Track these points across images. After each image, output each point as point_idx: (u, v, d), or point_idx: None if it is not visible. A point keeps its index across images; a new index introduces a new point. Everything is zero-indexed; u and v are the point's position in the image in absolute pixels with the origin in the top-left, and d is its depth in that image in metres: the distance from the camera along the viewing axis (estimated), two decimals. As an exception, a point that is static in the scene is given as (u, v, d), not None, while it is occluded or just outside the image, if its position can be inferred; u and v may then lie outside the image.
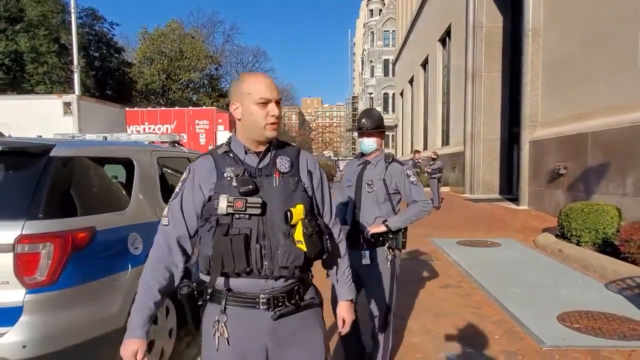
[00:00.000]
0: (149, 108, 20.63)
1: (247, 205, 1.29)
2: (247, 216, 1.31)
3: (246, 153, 1.41)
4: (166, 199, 3.01)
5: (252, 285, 1.33)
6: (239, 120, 1.39)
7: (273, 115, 1.36)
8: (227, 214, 1.29)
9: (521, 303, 4.07)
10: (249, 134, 1.39)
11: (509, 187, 13.31)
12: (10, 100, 9.13)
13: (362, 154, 2.67)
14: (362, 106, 65.24)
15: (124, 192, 2.68)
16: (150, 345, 2.68)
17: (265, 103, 1.35)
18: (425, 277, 5.08)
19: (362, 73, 61.37)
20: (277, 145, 1.46)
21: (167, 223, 1.39)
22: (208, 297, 1.36)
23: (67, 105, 8.45)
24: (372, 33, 51.29)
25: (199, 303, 1.38)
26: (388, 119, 47.50)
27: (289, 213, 1.31)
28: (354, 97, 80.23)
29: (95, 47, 26.81)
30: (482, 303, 4.13)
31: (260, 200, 1.31)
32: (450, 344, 3.23)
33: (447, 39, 18.16)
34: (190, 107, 20.34)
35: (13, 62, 20.24)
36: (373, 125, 2.57)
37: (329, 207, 1.55)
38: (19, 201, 2.05)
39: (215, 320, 1.34)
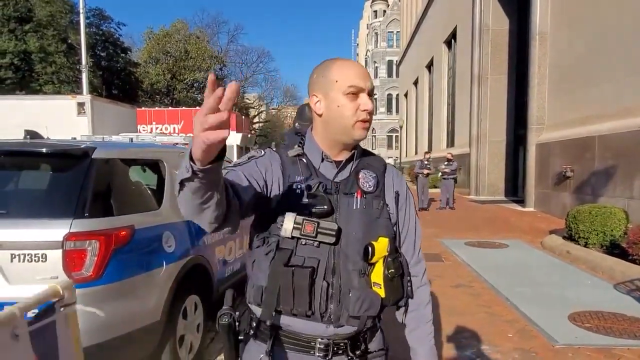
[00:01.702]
0: (156, 108, 20.82)
1: (319, 230, 1.02)
2: (315, 243, 1.03)
3: (323, 160, 1.12)
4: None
5: (308, 328, 1.06)
6: (320, 116, 1.10)
7: (365, 110, 1.06)
8: (292, 238, 1.02)
9: (532, 303, 4.17)
10: (332, 134, 1.10)
11: (514, 189, 13.40)
12: (26, 100, 9.31)
13: None
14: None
15: (157, 193, 2.79)
16: (181, 340, 2.80)
17: (356, 93, 1.06)
18: (437, 276, 5.18)
19: (365, 74, 61.31)
20: (359, 153, 1.17)
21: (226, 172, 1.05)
22: (252, 332, 1.11)
23: (80, 105, 8.62)
24: (376, 34, 51.43)
25: (240, 337, 1.12)
26: (392, 120, 47.73)
27: (370, 248, 1.03)
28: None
29: (102, 47, 27.04)
30: (493, 302, 4.24)
31: (336, 226, 1.03)
32: (465, 341, 3.34)
33: (453, 41, 18.25)
34: (197, 107, 20.45)
35: (22, 61, 20.48)
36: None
37: (413, 240, 1.21)
38: (65, 201, 2.17)
39: None
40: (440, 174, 12.04)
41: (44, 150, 2.25)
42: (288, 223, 1.01)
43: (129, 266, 2.32)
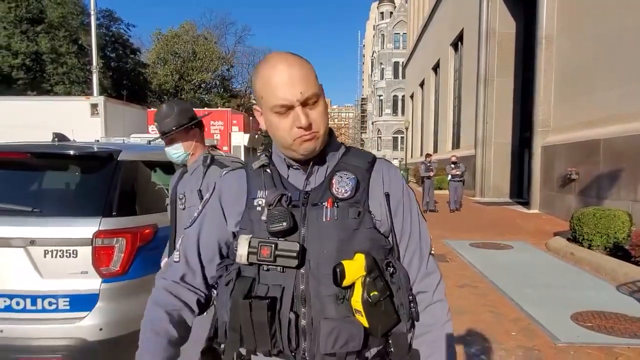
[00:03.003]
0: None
1: (277, 252, 0.87)
2: (279, 268, 0.89)
3: (289, 168, 0.98)
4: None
5: None
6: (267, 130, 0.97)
7: (299, 128, 0.88)
8: (250, 264, 0.90)
9: (536, 303, 4.26)
10: (282, 151, 0.97)
11: (519, 191, 13.45)
12: (42, 101, 9.56)
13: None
14: (371, 108, 65.40)
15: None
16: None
17: (285, 111, 0.89)
18: (442, 276, 5.29)
19: (371, 75, 61.61)
20: (338, 152, 1.00)
21: (177, 259, 0.99)
22: None
23: (94, 106, 8.83)
24: (383, 35, 51.48)
25: None
26: (397, 121, 47.80)
27: (338, 269, 0.85)
28: (363, 99, 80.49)
29: (112, 48, 27.38)
30: (498, 302, 4.34)
31: (297, 246, 0.87)
32: (470, 338, 3.45)
33: (460, 43, 18.31)
34: (205, 108, 20.71)
35: (33, 62, 20.82)
36: (163, 128, 1.93)
37: (418, 249, 1.00)
38: (94, 200, 2.32)
39: None
40: (449, 176, 12.08)
41: (73, 152, 2.39)
42: (242, 248, 0.89)
43: (152, 262, 2.46)
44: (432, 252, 1.04)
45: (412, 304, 0.94)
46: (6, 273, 2.16)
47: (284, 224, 0.88)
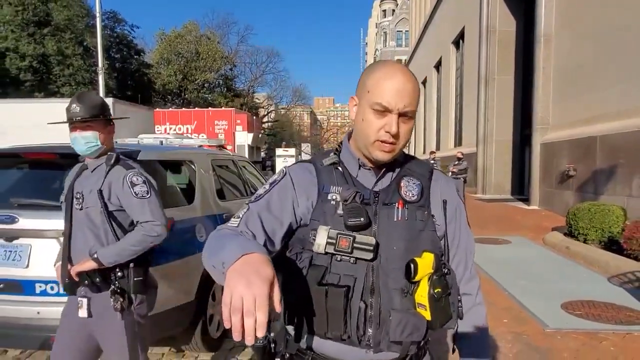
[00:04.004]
0: (170, 109, 21.39)
1: (355, 245, 0.94)
2: (352, 259, 0.95)
3: (360, 168, 1.04)
4: (220, 196, 3.52)
5: (346, 354, 0.98)
6: (353, 120, 1.04)
7: (387, 132, 0.95)
8: (326, 254, 0.95)
9: (529, 293, 4.48)
10: (359, 145, 1.03)
11: (520, 188, 13.61)
12: (54, 103, 9.85)
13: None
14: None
15: (188, 190, 3.18)
16: (210, 319, 3.18)
17: (383, 111, 0.95)
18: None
19: (374, 73, 61.55)
20: (401, 159, 1.07)
21: (236, 225, 0.98)
22: (289, 355, 1.03)
23: (103, 108, 9.08)
24: (385, 33, 51.63)
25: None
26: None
27: (412, 265, 0.94)
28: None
29: (116, 49, 27.71)
30: (493, 292, 4.56)
31: (374, 241, 0.95)
32: (464, 325, 3.67)
33: (461, 41, 18.46)
34: (210, 109, 20.99)
35: (40, 64, 21.19)
36: (88, 112, 1.79)
37: (464, 255, 1.11)
38: (118, 196, 2.56)
39: None
40: (449, 173, 12.24)
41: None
42: (321, 238, 0.94)
43: (170, 253, 2.70)
44: (473, 259, 1.16)
45: (460, 303, 1.03)
46: (41, 261, 2.40)
47: (362, 219, 0.95)
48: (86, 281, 1.79)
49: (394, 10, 51.61)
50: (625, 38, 7.52)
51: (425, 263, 0.95)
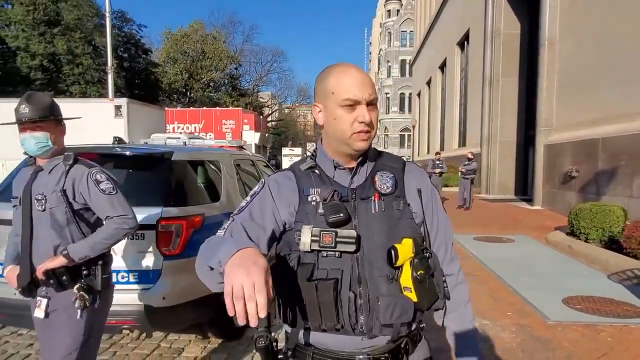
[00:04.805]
0: (178, 108, 21.69)
1: (338, 240, 1.01)
2: (337, 254, 1.03)
3: (335, 168, 1.12)
4: (242, 194, 3.75)
5: (344, 344, 1.05)
6: (322, 126, 1.12)
7: (362, 122, 1.04)
8: (312, 251, 1.02)
9: (531, 289, 4.69)
10: (335, 146, 1.10)
11: (523, 188, 13.80)
12: (69, 103, 10.13)
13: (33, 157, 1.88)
14: (377, 105, 65.40)
15: (215, 188, 3.42)
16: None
17: (352, 105, 1.04)
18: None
19: (378, 73, 61.85)
20: (374, 156, 1.15)
21: (222, 234, 1.08)
22: (290, 353, 1.08)
23: (117, 108, 9.38)
24: (390, 33, 51.67)
25: (280, 357, 1.05)
26: (404, 119, 48.09)
27: (393, 252, 1.01)
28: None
29: (124, 49, 28.02)
30: (497, 289, 4.78)
31: (354, 233, 1.02)
32: (469, 317, 3.90)
33: (466, 43, 18.62)
34: (217, 108, 21.26)
35: (50, 63, 21.51)
36: (38, 113, 1.77)
37: (444, 237, 1.20)
38: (156, 193, 2.80)
39: None
40: (459, 173, 12.31)
41: (137, 153, 2.88)
42: (305, 237, 1.01)
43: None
44: (452, 241, 1.24)
45: (445, 284, 1.11)
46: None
47: (341, 214, 1.02)
48: (51, 280, 1.78)
49: (398, 11, 51.63)
50: (626, 43, 7.71)
51: (405, 249, 1.03)
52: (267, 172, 4.97)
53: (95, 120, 8.92)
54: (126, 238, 2.00)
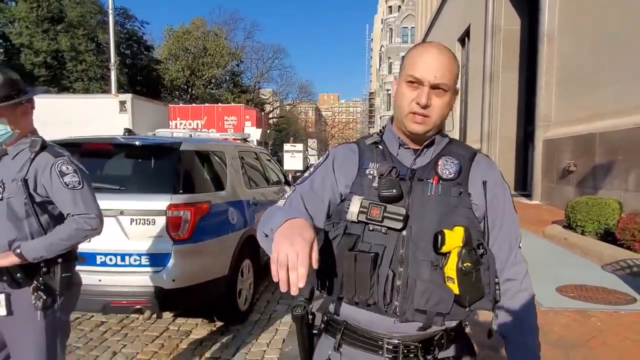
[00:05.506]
0: (180, 104, 21.81)
1: (385, 214, 0.98)
2: (383, 230, 1.00)
3: (400, 147, 1.10)
4: (246, 183, 3.90)
5: (375, 323, 1.02)
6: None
7: (418, 104, 1.00)
8: (358, 222, 1.01)
9: (526, 278, 4.83)
10: (397, 122, 1.09)
11: (523, 184, 13.90)
12: (75, 99, 10.32)
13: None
14: (378, 102, 65.71)
15: (221, 177, 3.57)
16: (239, 293, 3.57)
17: (414, 83, 1.01)
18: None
19: (379, 69, 61.84)
20: (443, 142, 1.13)
21: (282, 204, 1.10)
22: (323, 325, 1.09)
23: (122, 103, 9.53)
24: (391, 29, 51.66)
25: (315, 331, 1.07)
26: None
27: (440, 236, 0.96)
28: (370, 93, 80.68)
29: (127, 45, 28.15)
30: (493, 277, 4.91)
31: (404, 211, 0.99)
32: (465, 303, 4.04)
33: (467, 39, 18.69)
34: (219, 104, 21.36)
35: (54, 60, 21.67)
36: None
37: (508, 237, 1.11)
38: (165, 181, 2.96)
39: (327, 359, 1.07)
40: None
41: (147, 144, 3.03)
42: (354, 206, 1.00)
43: (208, 231, 3.10)
44: (520, 245, 1.14)
45: (497, 286, 1.03)
46: (102, 236, 2.76)
47: (394, 190, 1.00)
48: (5, 277, 1.59)
49: (399, 7, 51.60)
50: (623, 39, 7.81)
51: (455, 236, 0.97)
52: (270, 165, 5.12)
53: (101, 115, 9.06)
54: (87, 239, 1.74)
